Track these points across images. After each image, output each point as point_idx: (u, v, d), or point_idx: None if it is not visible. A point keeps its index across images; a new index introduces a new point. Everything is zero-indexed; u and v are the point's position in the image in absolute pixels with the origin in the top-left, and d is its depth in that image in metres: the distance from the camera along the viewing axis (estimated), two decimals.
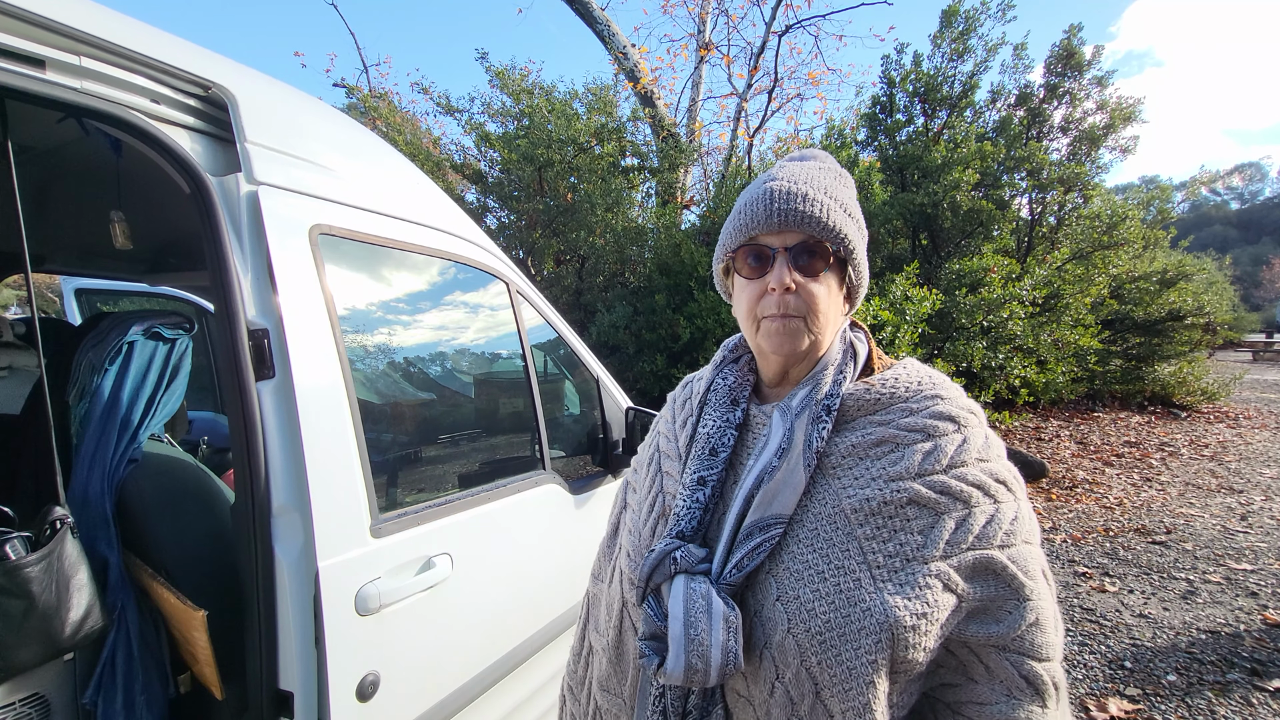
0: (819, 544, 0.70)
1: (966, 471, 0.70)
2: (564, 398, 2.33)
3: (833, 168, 0.83)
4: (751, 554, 0.70)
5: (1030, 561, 0.69)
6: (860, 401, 0.77)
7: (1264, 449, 7.33)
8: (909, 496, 0.69)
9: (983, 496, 0.70)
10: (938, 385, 0.78)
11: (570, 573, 1.90)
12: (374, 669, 1.24)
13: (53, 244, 2.40)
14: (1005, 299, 6.65)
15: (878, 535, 0.69)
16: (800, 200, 0.75)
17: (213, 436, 2.82)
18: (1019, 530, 0.70)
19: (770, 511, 0.72)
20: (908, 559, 0.67)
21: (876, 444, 0.74)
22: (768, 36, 9.58)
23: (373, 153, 1.65)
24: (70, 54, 1.06)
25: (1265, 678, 2.78)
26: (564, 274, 7.63)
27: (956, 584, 0.67)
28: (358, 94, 8.86)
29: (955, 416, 0.74)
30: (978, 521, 0.68)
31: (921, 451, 0.71)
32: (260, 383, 1.18)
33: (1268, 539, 4.44)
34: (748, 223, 0.78)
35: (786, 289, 0.75)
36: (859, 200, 0.85)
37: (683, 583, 0.71)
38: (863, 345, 0.85)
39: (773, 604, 0.70)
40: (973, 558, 0.67)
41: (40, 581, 1.11)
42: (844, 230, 0.76)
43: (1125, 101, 8.66)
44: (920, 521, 0.69)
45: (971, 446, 0.72)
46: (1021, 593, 0.68)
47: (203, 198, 1.17)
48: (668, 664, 0.68)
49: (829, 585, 0.68)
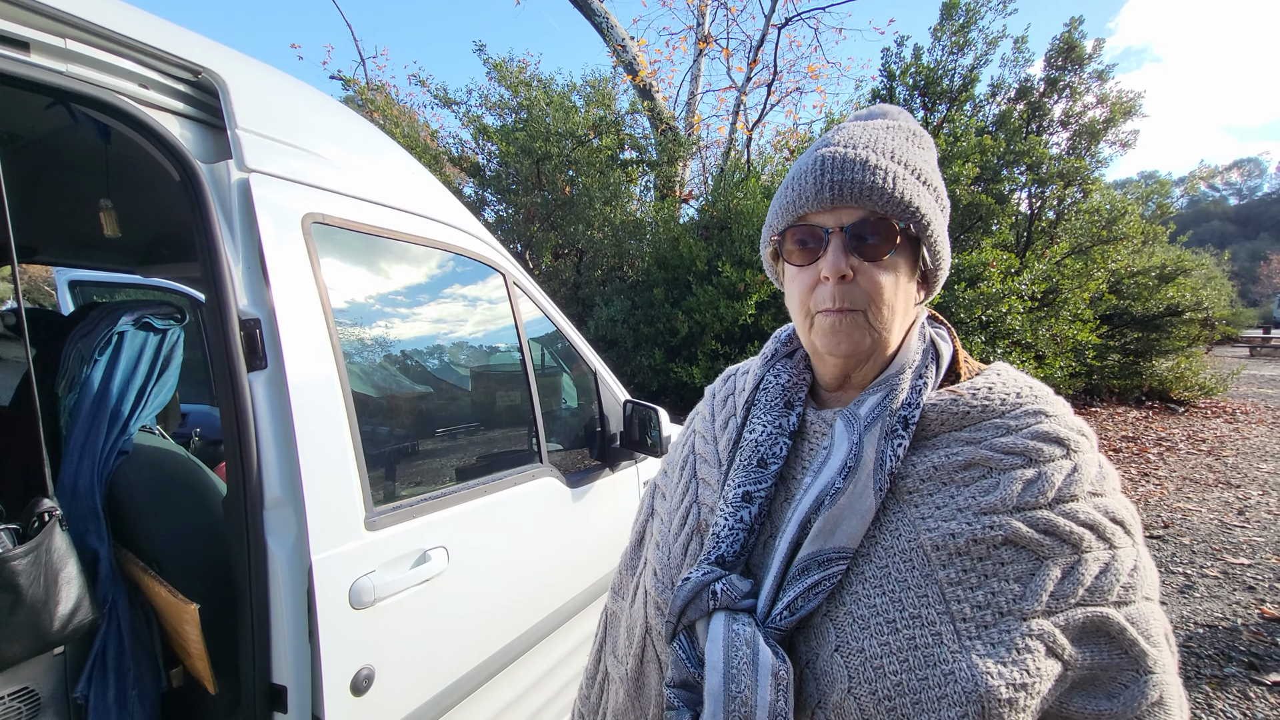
0: (890, 586, 0.58)
1: (1077, 508, 0.58)
2: (561, 391, 2.32)
3: (905, 126, 0.70)
4: (808, 594, 0.59)
5: (1153, 623, 0.58)
6: (945, 414, 0.65)
7: (1261, 444, 7.34)
8: (1005, 535, 0.57)
9: (1096, 540, 0.57)
10: (1040, 399, 0.65)
11: (567, 567, 1.89)
12: (368, 663, 1.23)
13: (43, 235, 2.37)
14: (1004, 293, 6.64)
15: (964, 580, 0.57)
16: (859, 168, 0.62)
17: (206, 429, 2.80)
18: (1139, 583, 0.58)
19: (832, 543, 0.61)
20: (1002, 612, 0.55)
21: (965, 467, 0.62)
22: (767, 29, 9.54)
23: (368, 141, 1.62)
24: (56, 36, 1.03)
25: (1262, 671, 2.78)
26: (562, 268, 7.61)
27: (1063, 647, 0.55)
28: (355, 86, 8.80)
29: (1064, 439, 0.61)
30: (1090, 571, 0.56)
31: (1022, 480, 0.59)
32: (252, 373, 1.16)
33: (1265, 534, 4.45)
34: (796, 199, 0.65)
35: (842, 277, 0.63)
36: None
37: (723, 624, 0.60)
38: (946, 345, 0.72)
39: (830, 655, 0.58)
40: (1083, 615, 0.55)
41: (28, 574, 1.09)
42: (915, 202, 0.63)
43: (1125, 95, 8.63)
44: (1018, 567, 0.56)
45: (1084, 477, 0.59)
46: (1143, 662, 0.56)
47: (193, 185, 1.15)
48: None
49: (901, 638, 0.56)
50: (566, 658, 1.92)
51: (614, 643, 0.83)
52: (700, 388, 6.71)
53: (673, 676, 0.64)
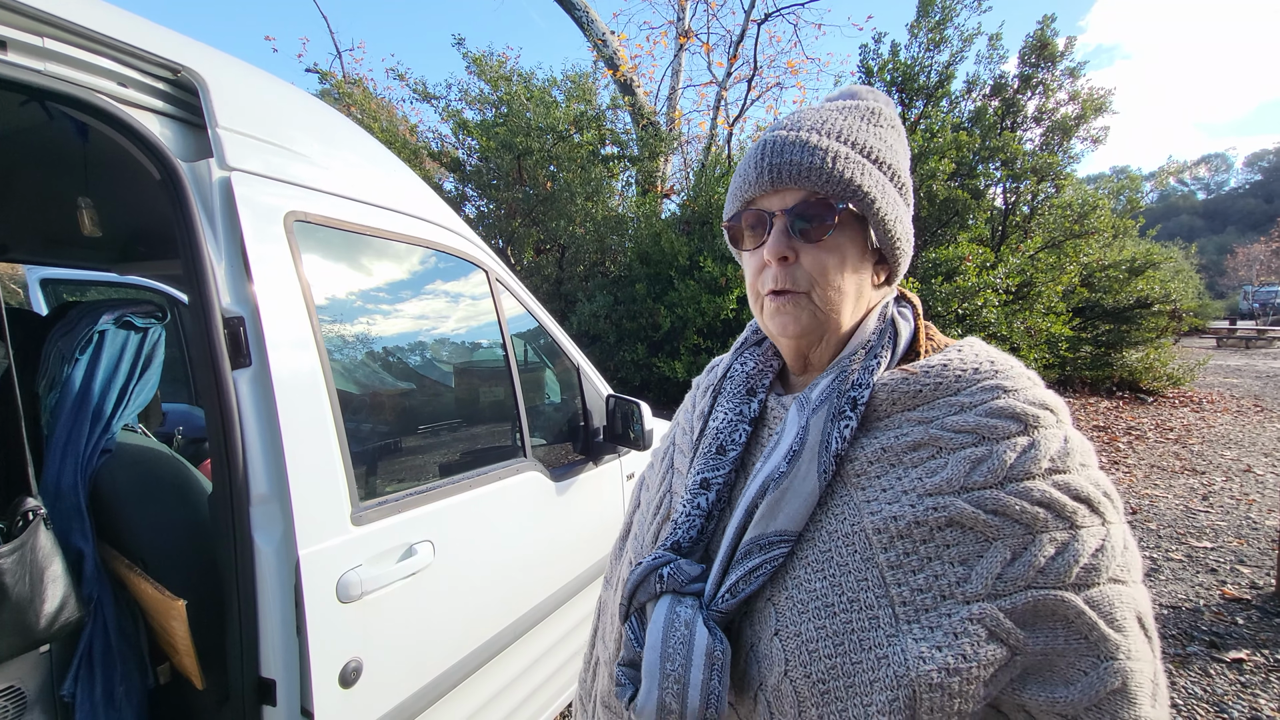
0: (830, 570, 0.58)
1: (1032, 486, 0.55)
2: (545, 386, 2.34)
3: (865, 105, 0.69)
4: (749, 577, 0.59)
5: (1118, 607, 0.53)
6: (895, 394, 0.63)
7: (1225, 432, 7.57)
8: (949, 516, 0.55)
9: (1054, 519, 0.54)
10: (1001, 373, 0.62)
11: (551, 560, 1.92)
12: (356, 655, 1.24)
13: (16, 232, 2.33)
14: (980, 287, 6.77)
15: (905, 564, 0.55)
16: (797, 150, 0.62)
17: (187, 428, 2.78)
18: (1105, 565, 0.53)
19: (774, 527, 0.60)
20: (942, 596, 0.53)
21: (913, 448, 0.60)
22: (747, 24, 9.58)
23: (349, 139, 1.63)
24: (33, 35, 1.03)
25: (1222, 649, 2.90)
26: (544, 263, 7.60)
27: (1008, 632, 0.52)
28: (331, 80, 8.69)
29: (1021, 414, 0.58)
30: (1043, 552, 0.53)
31: (971, 459, 0.57)
32: (236, 371, 1.17)
33: (1227, 518, 4.61)
34: (742, 184, 0.67)
35: (784, 259, 0.64)
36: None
37: (666, 606, 0.61)
38: (907, 324, 0.70)
39: (770, 638, 0.58)
40: (1033, 599, 0.52)
41: (13, 573, 1.10)
42: (857, 180, 0.62)
43: (1096, 92, 8.82)
44: (964, 549, 0.54)
45: (1042, 454, 0.56)
46: (1102, 648, 0.52)
47: (173, 184, 1.15)
48: (639, 699, 0.59)
49: (838, 622, 0.55)
50: (553, 648, 1.95)
51: (603, 629, 0.85)
52: (683, 382, 6.76)
53: (623, 656, 0.65)
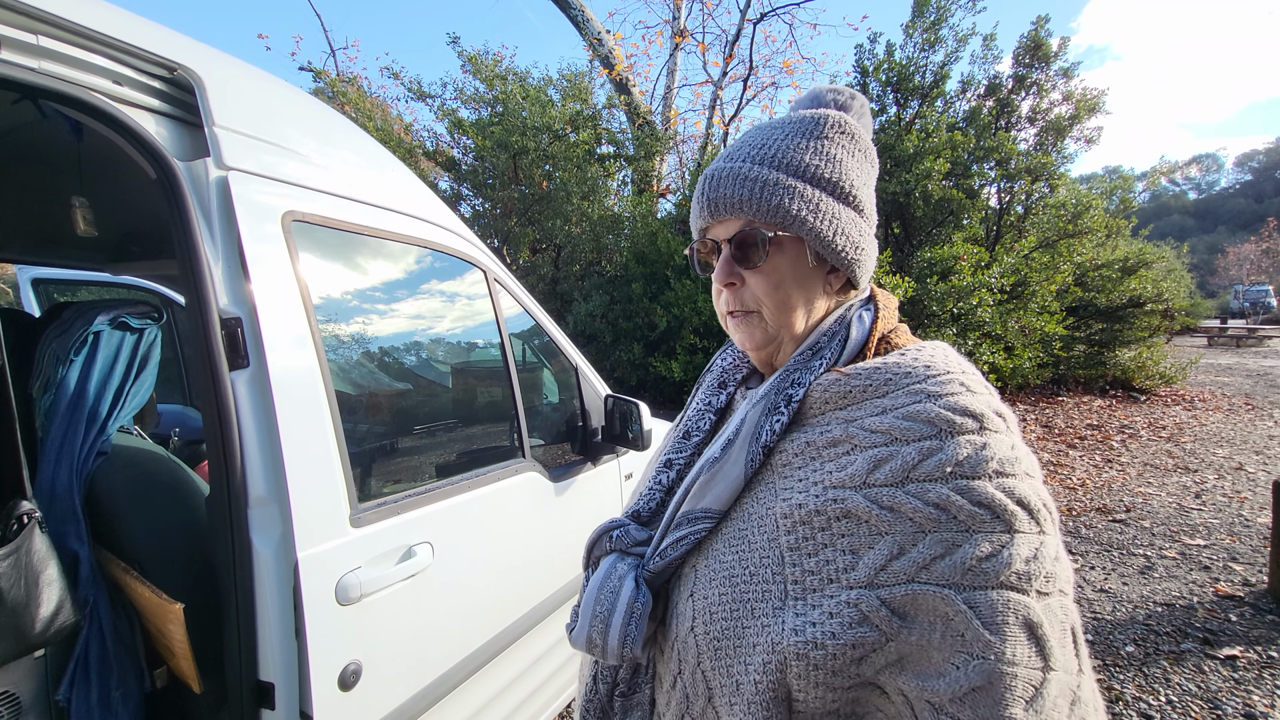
0: (741, 546, 0.65)
1: (930, 488, 0.57)
2: (543, 386, 2.33)
3: (809, 118, 0.72)
4: (675, 544, 0.68)
5: (1002, 611, 0.53)
6: (828, 393, 0.67)
7: (1217, 430, 7.63)
8: (845, 509, 0.59)
9: (947, 520, 0.56)
10: (933, 379, 0.63)
11: (550, 560, 1.91)
12: (356, 658, 1.24)
13: (9, 231, 2.31)
14: (974, 286, 6.80)
15: (801, 547, 0.61)
16: (729, 183, 0.68)
17: (184, 429, 2.76)
18: (996, 570, 0.54)
19: (701, 504, 0.68)
20: (829, 579, 0.58)
21: (832, 444, 0.64)
22: (742, 24, 9.59)
23: (346, 138, 1.62)
24: (27, 32, 1.02)
25: (1216, 646, 2.92)
26: (540, 263, 7.58)
27: (883, 618, 0.55)
28: (325, 78, 8.65)
29: (936, 419, 0.60)
30: (929, 551, 0.55)
31: (875, 459, 0.60)
32: (234, 372, 1.16)
33: (1220, 515, 4.65)
34: (695, 215, 0.74)
35: (729, 284, 0.71)
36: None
37: (609, 562, 0.71)
38: (861, 326, 0.72)
39: (685, 599, 0.67)
40: (913, 591, 0.55)
41: (8, 577, 1.09)
42: (786, 205, 0.66)
43: (1090, 92, 8.86)
44: (853, 539, 0.58)
45: (948, 459, 0.57)
46: (973, 648, 0.53)
47: (170, 183, 1.14)
48: (574, 632, 0.70)
49: (738, 591, 0.63)
50: (552, 648, 1.95)
51: None
52: (679, 382, 6.75)
53: (577, 601, 0.73)
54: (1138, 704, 2.57)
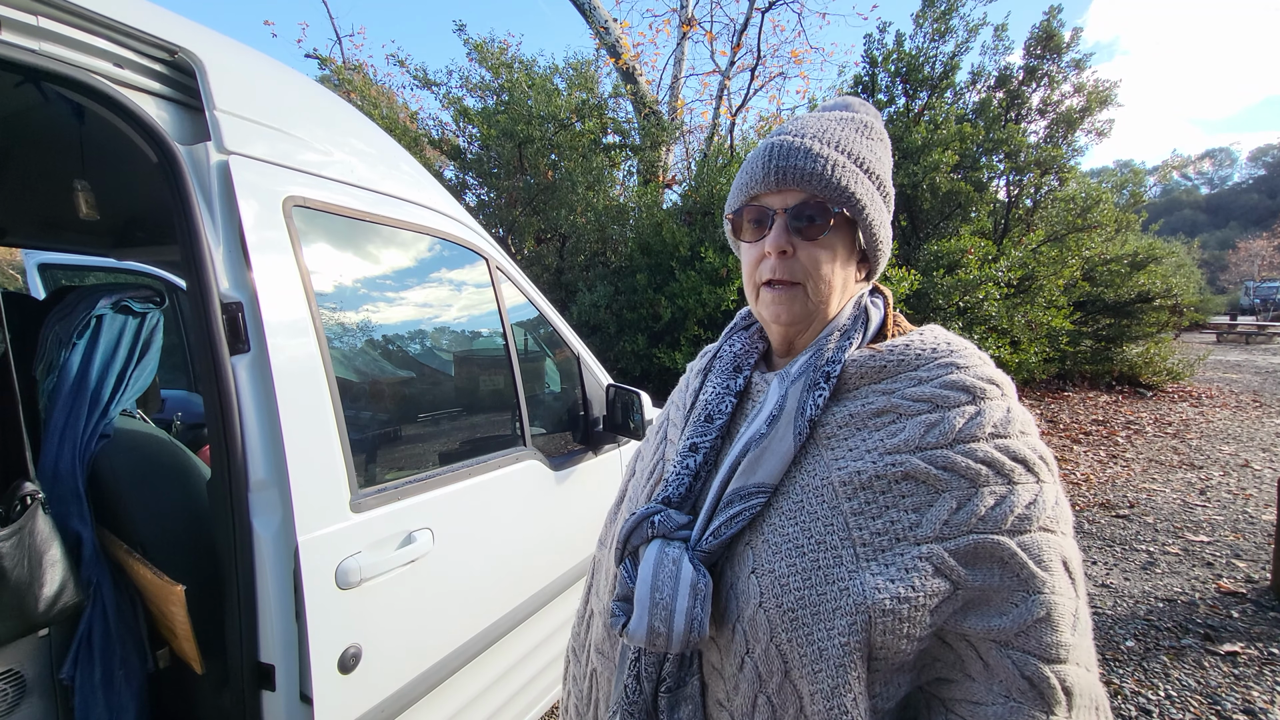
0: (801, 517, 0.66)
1: (977, 447, 0.64)
2: (545, 375, 2.33)
3: (858, 119, 0.78)
4: (730, 522, 0.68)
5: (1046, 550, 0.62)
6: (864, 369, 0.72)
7: (1224, 427, 7.58)
8: (905, 471, 0.64)
9: (993, 475, 0.63)
10: (956, 353, 0.71)
11: (550, 548, 1.92)
12: (355, 641, 1.25)
13: (13, 215, 2.31)
14: (981, 280, 6.75)
15: (866, 510, 0.64)
16: (801, 155, 0.71)
17: (186, 413, 2.77)
18: (1036, 515, 0.62)
19: (753, 480, 0.69)
20: (897, 538, 0.62)
21: (876, 414, 0.69)
22: (751, 13, 9.49)
23: (350, 124, 1.61)
24: (27, 13, 1.01)
25: (1216, 642, 2.91)
26: (545, 253, 7.56)
27: (951, 569, 0.61)
28: (331, 66, 8.61)
29: (970, 387, 0.67)
30: (984, 502, 0.62)
31: (925, 423, 0.66)
32: (235, 357, 1.16)
33: (1224, 512, 4.63)
34: (748, 181, 0.75)
35: (783, 252, 0.72)
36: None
37: (657, 546, 0.69)
38: (877, 311, 0.79)
39: (747, 577, 0.67)
40: (974, 541, 0.61)
41: (12, 557, 1.10)
42: (851, 188, 0.71)
43: (1102, 85, 8.73)
44: (915, 499, 0.63)
45: (987, 420, 0.65)
46: (1031, 584, 0.61)
47: (171, 167, 1.14)
48: (630, 625, 0.67)
49: (807, 560, 0.64)
50: (551, 636, 1.96)
51: (597, 585, 0.94)
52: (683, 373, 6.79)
53: (617, 593, 0.72)
54: (1136, 698, 2.57)
